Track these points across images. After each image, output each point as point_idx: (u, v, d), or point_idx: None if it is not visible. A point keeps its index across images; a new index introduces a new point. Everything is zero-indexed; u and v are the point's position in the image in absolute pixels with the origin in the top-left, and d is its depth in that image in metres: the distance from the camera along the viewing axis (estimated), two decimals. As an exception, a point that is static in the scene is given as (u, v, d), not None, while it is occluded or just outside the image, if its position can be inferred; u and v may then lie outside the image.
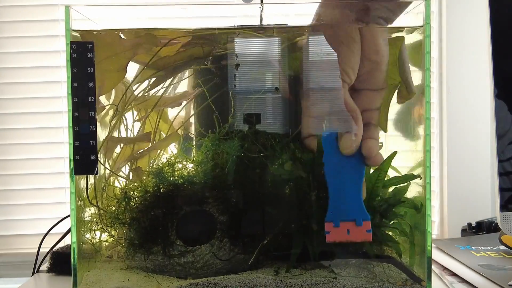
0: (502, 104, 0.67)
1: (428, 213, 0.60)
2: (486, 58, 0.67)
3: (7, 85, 1.02)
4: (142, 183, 0.65)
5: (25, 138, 1.02)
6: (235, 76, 0.65)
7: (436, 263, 0.76)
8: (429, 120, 0.60)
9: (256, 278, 0.60)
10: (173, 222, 0.62)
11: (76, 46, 0.59)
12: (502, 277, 0.65)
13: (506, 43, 0.66)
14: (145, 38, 0.65)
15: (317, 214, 0.60)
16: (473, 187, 0.99)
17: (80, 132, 0.59)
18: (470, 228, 0.89)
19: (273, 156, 0.62)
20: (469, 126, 1.00)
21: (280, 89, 0.64)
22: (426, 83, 0.60)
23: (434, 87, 1.01)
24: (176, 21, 0.66)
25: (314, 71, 0.64)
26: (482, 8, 0.67)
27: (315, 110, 0.62)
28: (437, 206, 1.03)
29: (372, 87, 0.60)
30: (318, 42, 0.63)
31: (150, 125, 0.71)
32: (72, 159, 0.59)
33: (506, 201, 0.66)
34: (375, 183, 0.61)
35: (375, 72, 0.59)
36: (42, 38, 1.01)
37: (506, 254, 0.76)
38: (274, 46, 0.66)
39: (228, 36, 0.65)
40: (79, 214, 0.62)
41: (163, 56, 0.66)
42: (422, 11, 0.60)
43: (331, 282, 0.59)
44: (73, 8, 0.60)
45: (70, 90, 0.59)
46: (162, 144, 0.70)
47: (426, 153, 0.60)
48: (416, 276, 0.61)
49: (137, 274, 0.63)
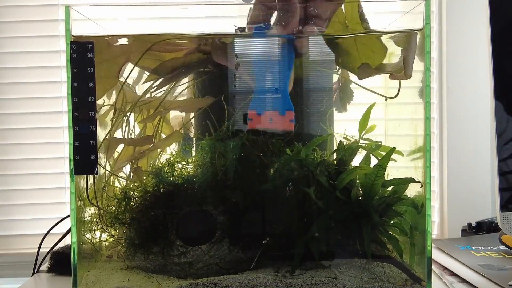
0: (502, 104, 0.67)
1: (428, 213, 0.60)
2: (486, 58, 0.67)
3: (7, 85, 1.02)
4: (142, 183, 0.65)
5: (25, 138, 1.02)
6: (235, 76, 0.65)
7: (436, 263, 0.76)
8: (429, 120, 0.60)
9: (256, 278, 0.60)
10: (173, 222, 0.62)
11: (76, 46, 0.59)
12: (502, 277, 0.65)
13: (506, 43, 0.66)
14: (134, 44, 0.65)
15: (319, 215, 0.61)
16: (473, 187, 0.99)
17: (80, 132, 0.59)
18: (470, 228, 0.90)
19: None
20: (469, 126, 1.00)
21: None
22: (426, 83, 0.60)
23: (434, 87, 1.01)
24: (176, 21, 0.66)
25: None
26: (482, 8, 0.67)
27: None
28: (437, 206, 1.03)
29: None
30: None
31: (152, 126, 0.71)
32: (72, 159, 0.59)
33: (506, 201, 0.66)
34: (374, 180, 0.61)
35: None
36: (42, 38, 1.01)
37: (506, 254, 0.76)
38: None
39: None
40: (79, 214, 0.62)
41: (166, 60, 0.66)
42: (422, 11, 0.60)
43: (331, 282, 0.59)
44: (73, 8, 0.60)
45: (70, 90, 0.59)
46: (164, 144, 0.70)
47: (426, 153, 0.60)
48: (416, 276, 0.61)
49: (137, 274, 0.63)
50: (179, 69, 0.66)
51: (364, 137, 0.68)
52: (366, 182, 0.61)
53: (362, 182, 0.62)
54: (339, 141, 0.67)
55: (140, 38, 0.65)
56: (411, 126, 0.66)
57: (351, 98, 0.71)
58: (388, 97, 0.68)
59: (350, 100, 0.71)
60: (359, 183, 0.63)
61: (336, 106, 0.70)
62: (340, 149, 0.65)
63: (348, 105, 0.71)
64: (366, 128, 0.68)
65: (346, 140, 0.67)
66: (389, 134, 0.72)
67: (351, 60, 0.67)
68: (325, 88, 0.70)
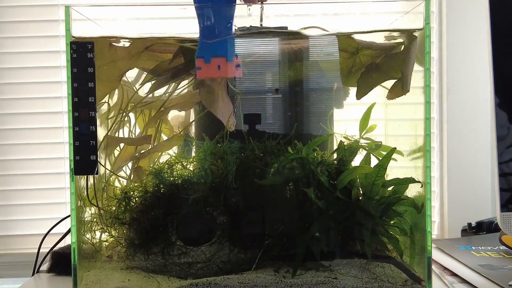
0: (502, 104, 0.66)
1: (428, 213, 0.60)
2: (486, 58, 0.67)
3: (7, 85, 1.02)
4: (142, 183, 0.65)
5: (25, 138, 1.02)
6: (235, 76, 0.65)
7: (436, 263, 0.76)
8: (429, 120, 0.60)
9: (256, 278, 0.60)
10: (173, 222, 0.62)
11: (76, 46, 0.59)
12: (502, 277, 0.65)
13: (506, 43, 0.66)
14: (133, 46, 0.65)
15: (319, 216, 0.60)
16: (473, 187, 0.99)
17: (80, 132, 0.59)
18: (470, 228, 0.89)
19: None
20: (469, 126, 1.00)
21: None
22: (426, 83, 0.60)
23: (434, 87, 1.01)
24: (176, 22, 0.66)
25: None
26: (482, 8, 0.67)
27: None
28: (437, 206, 1.03)
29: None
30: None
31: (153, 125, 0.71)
32: (72, 159, 0.59)
33: (506, 201, 0.66)
34: (375, 180, 0.61)
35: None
36: (42, 38, 1.01)
37: (506, 254, 0.76)
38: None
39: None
40: (79, 214, 0.62)
41: (164, 60, 0.66)
42: (422, 11, 0.60)
43: (331, 282, 0.59)
44: (73, 8, 0.60)
45: (70, 90, 0.59)
46: (165, 146, 0.70)
47: (426, 153, 0.60)
48: (416, 276, 0.61)
49: (137, 274, 0.63)
50: (175, 70, 0.66)
51: (365, 137, 0.68)
52: (366, 182, 0.61)
53: (363, 182, 0.62)
54: (340, 141, 0.67)
55: (141, 41, 0.65)
56: (411, 126, 0.66)
57: (347, 95, 0.71)
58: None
59: (346, 97, 0.71)
60: (359, 183, 0.62)
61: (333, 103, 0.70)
62: (341, 149, 0.65)
63: (344, 101, 0.71)
64: (366, 128, 0.68)
65: (347, 140, 0.67)
66: (389, 134, 0.72)
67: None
68: (325, 87, 0.70)
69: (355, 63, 0.67)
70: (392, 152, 0.61)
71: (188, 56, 0.64)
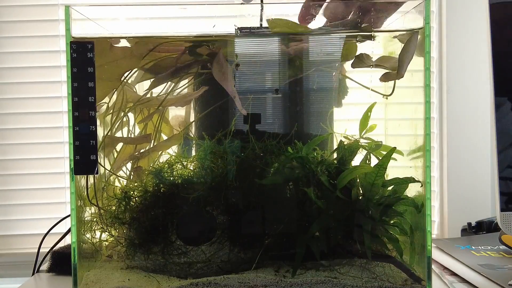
0: (502, 104, 0.67)
1: (428, 213, 0.60)
2: (486, 58, 0.67)
3: (7, 85, 1.02)
4: (142, 183, 0.65)
5: (25, 138, 1.02)
6: (235, 76, 0.65)
7: (436, 262, 0.76)
8: (429, 120, 0.60)
9: (256, 278, 0.60)
10: (173, 222, 0.62)
11: (76, 46, 0.59)
12: (502, 276, 0.65)
13: (506, 43, 0.66)
14: (136, 47, 0.65)
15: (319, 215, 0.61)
16: (473, 187, 0.99)
17: (80, 132, 0.59)
18: (470, 228, 0.90)
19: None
20: (469, 126, 1.00)
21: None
22: (426, 83, 0.60)
23: (434, 87, 1.01)
24: (176, 21, 0.66)
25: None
26: (482, 8, 0.67)
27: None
28: (437, 206, 1.03)
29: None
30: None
31: (153, 125, 0.71)
32: (72, 159, 0.59)
33: (506, 201, 0.66)
34: (375, 179, 0.61)
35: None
36: (42, 38, 1.01)
37: (506, 253, 0.76)
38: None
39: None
40: (79, 214, 0.62)
41: (163, 57, 0.66)
42: (422, 11, 0.60)
43: (331, 282, 0.59)
44: (73, 8, 0.60)
45: (70, 90, 0.59)
46: (164, 146, 0.70)
47: (426, 153, 0.60)
48: (416, 275, 0.61)
49: (137, 273, 0.63)
50: (174, 68, 0.66)
51: (365, 137, 0.68)
52: (366, 182, 0.61)
53: (362, 182, 0.62)
54: (340, 141, 0.67)
55: (141, 40, 0.65)
56: (411, 126, 0.66)
57: (346, 94, 0.71)
58: (384, 95, 0.68)
59: (345, 95, 0.71)
60: (359, 183, 0.63)
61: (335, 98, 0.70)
62: (341, 149, 0.65)
63: (343, 100, 0.71)
64: (366, 128, 0.68)
65: (347, 140, 0.67)
66: (389, 134, 0.72)
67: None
68: (325, 87, 0.70)
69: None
70: (392, 151, 0.61)
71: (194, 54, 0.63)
